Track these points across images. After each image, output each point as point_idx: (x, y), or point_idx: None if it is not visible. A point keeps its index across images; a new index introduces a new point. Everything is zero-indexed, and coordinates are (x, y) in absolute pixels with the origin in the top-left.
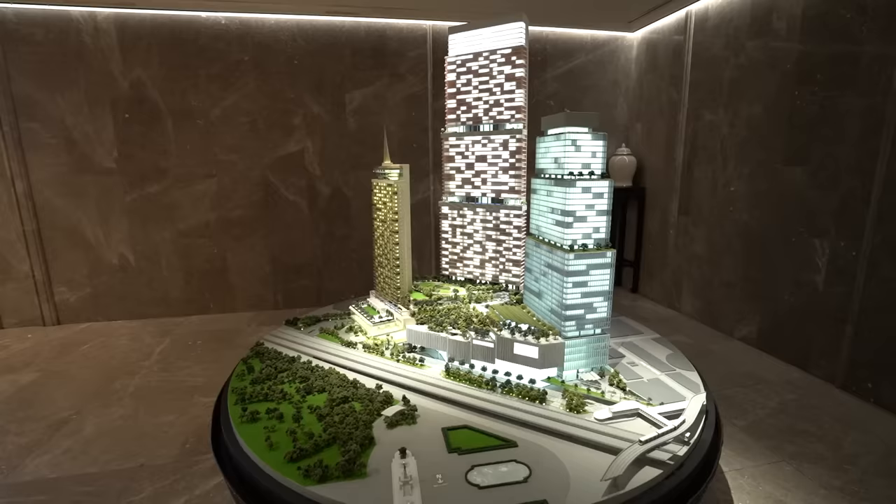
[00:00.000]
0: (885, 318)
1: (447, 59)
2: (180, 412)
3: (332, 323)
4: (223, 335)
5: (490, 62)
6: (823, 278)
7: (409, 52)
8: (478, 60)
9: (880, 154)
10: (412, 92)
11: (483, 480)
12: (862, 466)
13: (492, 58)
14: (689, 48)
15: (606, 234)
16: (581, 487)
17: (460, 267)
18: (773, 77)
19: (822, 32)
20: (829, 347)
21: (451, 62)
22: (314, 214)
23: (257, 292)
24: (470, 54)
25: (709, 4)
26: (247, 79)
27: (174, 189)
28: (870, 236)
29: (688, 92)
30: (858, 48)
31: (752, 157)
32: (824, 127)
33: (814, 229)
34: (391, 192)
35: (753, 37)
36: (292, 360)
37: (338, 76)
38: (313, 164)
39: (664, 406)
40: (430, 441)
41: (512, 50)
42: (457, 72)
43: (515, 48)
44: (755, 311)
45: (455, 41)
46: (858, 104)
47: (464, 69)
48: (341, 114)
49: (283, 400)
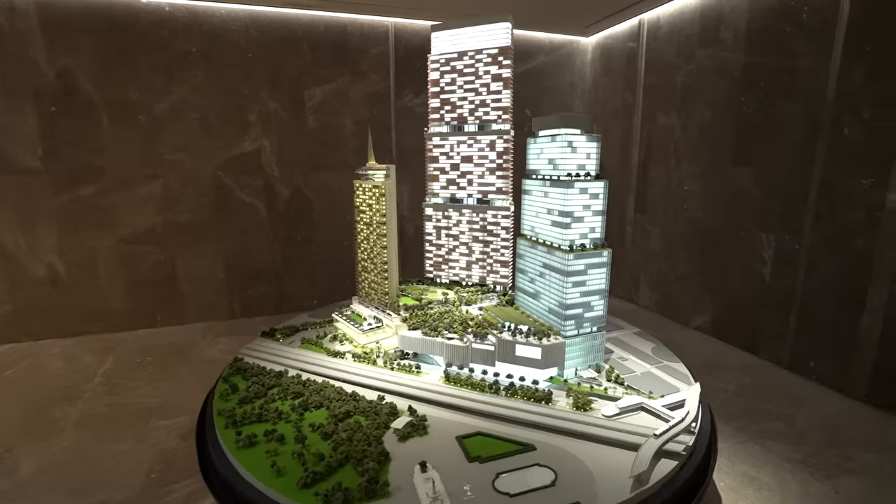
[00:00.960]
0: (823, 306)
1: (430, 58)
2: (137, 439)
3: (314, 332)
4: (176, 349)
5: (476, 62)
6: (770, 270)
7: (370, 49)
8: (462, 60)
9: (815, 159)
10: (374, 90)
11: (512, 488)
12: (815, 439)
13: (477, 57)
14: (642, 54)
15: (602, 234)
16: (608, 486)
17: (445, 269)
18: (721, 84)
19: (765, 44)
20: (775, 333)
21: (434, 61)
22: (273, 217)
23: (211, 301)
24: (454, 53)
25: (660, 14)
26: (195, 71)
27: (113, 191)
28: (809, 231)
29: (642, 96)
30: (796, 61)
31: (703, 158)
32: (768, 132)
33: (760, 224)
34: (378, 195)
35: (703, 46)
36: (280, 375)
37: (296, 71)
38: (271, 164)
39: (665, 399)
40: (446, 451)
41: (499, 50)
42: (440, 70)
43: (502, 48)
44: (709, 301)
45: (438, 39)
46: (797, 112)
47: (448, 68)
48: (300, 111)
49: (280, 419)
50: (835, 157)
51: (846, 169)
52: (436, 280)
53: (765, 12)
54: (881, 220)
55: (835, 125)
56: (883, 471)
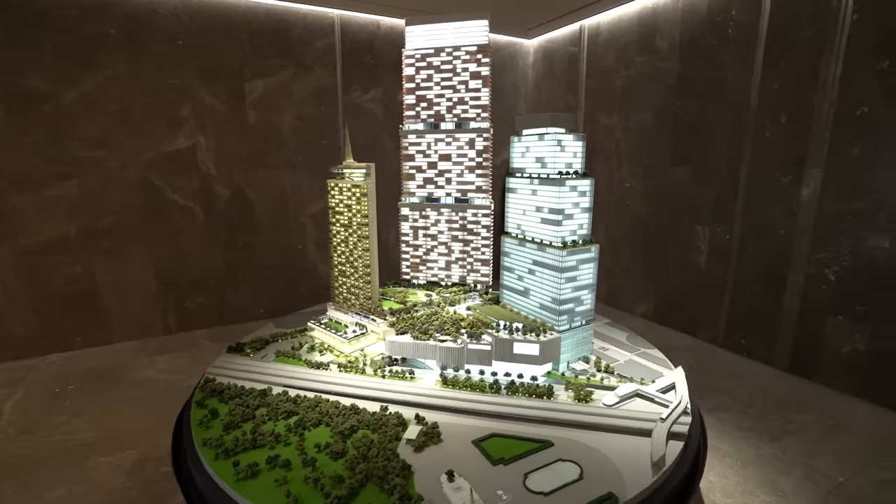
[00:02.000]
0: (751, 289)
1: (405, 52)
2: (75, 481)
3: (287, 343)
4: (104, 374)
5: (454, 59)
6: (705, 259)
7: (315, 41)
8: (440, 56)
9: (742, 159)
10: (321, 85)
11: (544, 486)
12: (758, 407)
13: (455, 54)
14: (583, 58)
15: (589, 230)
16: (632, 473)
17: (423, 270)
18: (658, 89)
19: (696, 54)
20: (711, 315)
21: (409, 55)
22: (211, 220)
23: (141, 316)
24: (430, 49)
25: (600, 21)
26: (115, 57)
27: (10, 194)
28: (738, 223)
29: (584, 98)
30: (724, 71)
31: (643, 158)
32: (701, 134)
33: (696, 218)
34: (359, 195)
35: (641, 53)
36: (264, 394)
37: (235, 63)
38: (207, 163)
39: (657, 384)
40: (466, 457)
41: (478, 48)
42: (416, 66)
43: (481, 46)
44: (651, 290)
45: (413, 34)
46: (726, 117)
47: (423, 64)
48: (240, 106)
49: (278, 443)
50: (759, 157)
51: (768, 168)
52: (412, 282)
53: (695, 25)
54: (797, 212)
55: (758, 129)
56: (814, 429)
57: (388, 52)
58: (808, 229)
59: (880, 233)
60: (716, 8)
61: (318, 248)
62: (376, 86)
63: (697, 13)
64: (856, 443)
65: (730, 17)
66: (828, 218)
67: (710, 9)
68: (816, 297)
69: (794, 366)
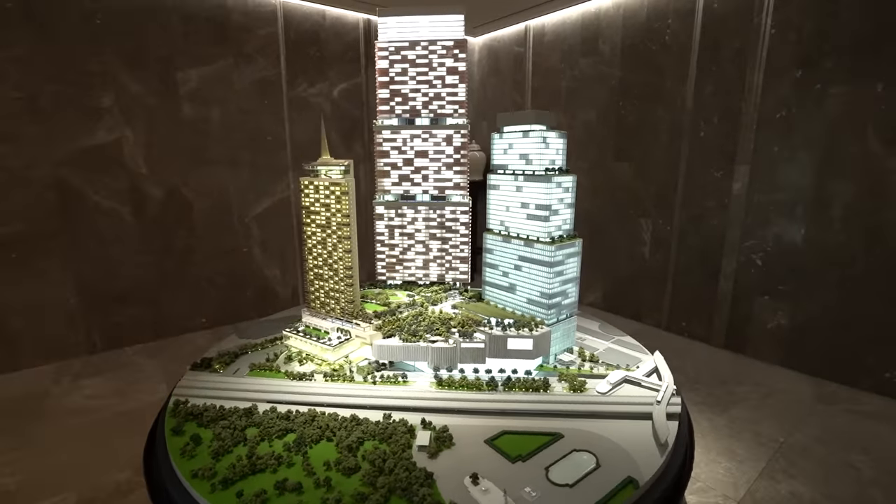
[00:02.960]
0: (690, 276)
1: (378, 45)
2: None
3: (260, 355)
4: (20, 405)
5: (430, 53)
6: (649, 249)
7: (257, 29)
8: (415, 49)
9: (681, 155)
10: (263, 76)
11: (568, 478)
12: (704, 383)
13: (431, 48)
14: (529, 57)
15: (571, 225)
16: (643, 455)
17: (400, 270)
18: (602, 90)
19: (637, 59)
20: (655, 301)
21: (382, 48)
22: (143, 224)
23: (59, 335)
24: (405, 42)
25: (545, 22)
26: (14, 35)
27: None
28: (678, 215)
29: (530, 97)
30: (662, 74)
31: (589, 154)
32: (643, 133)
33: (640, 212)
34: (339, 193)
35: (585, 55)
36: (250, 413)
37: (164, 48)
38: (136, 160)
39: (641, 369)
40: (483, 457)
41: (454, 42)
42: (390, 59)
43: (458, 41)
44: (600, 280)
45: (386, 26)
46: (665, 117)
47: (398, 57)
48: (173, 96)
49: (280, 465)
50: (695, 154)
51: (703, 164)
52: (388, 283)
53: (636, 31)
54: (728, 204)
55: (693, 128)
56: (753, 399)
57: (334, 45)
58: (738, 220)
59: (797, 222)
60: (654, 16)
61: (265, 250)
62: (323, 79)
63: (637, 20)
64: (787, 407)
65: (667, 25)
66: (755, 209)
67: (649, 17)
68: (746, 281)
69: (729, 343)
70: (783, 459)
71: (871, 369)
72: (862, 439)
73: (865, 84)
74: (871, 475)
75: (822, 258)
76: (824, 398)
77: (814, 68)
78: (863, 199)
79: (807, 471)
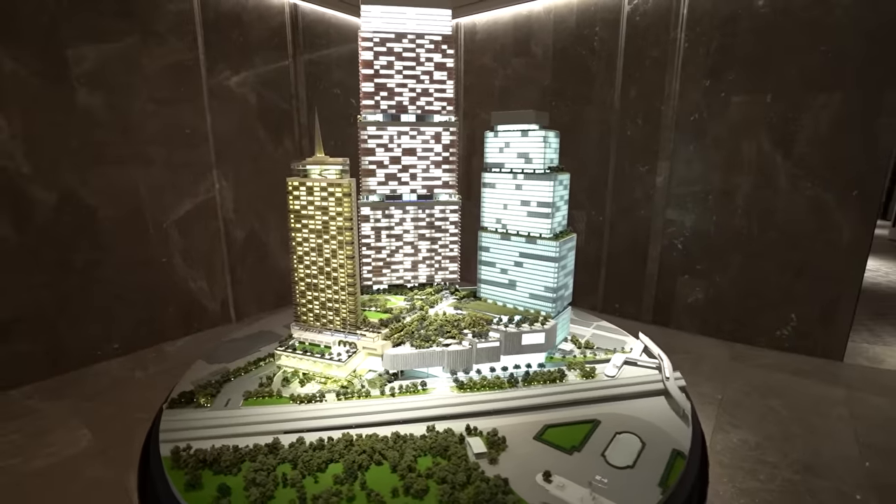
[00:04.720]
0: (621, 261)
1: (361, 34)
2: None
3: (248, 381)
4: None
5: (417, 47)
6: (584, 238)
7: (166, 3)
8: (402, 42)
9: (610, 152)
10: (178, 59)
11: (626, 460)
12: None
13: (419, 42)
14: (461, 55)
15: (566, 221)
16: (674, 429)
17: (387, 273)
18: (535, 90)
19: (567, 62)
20: (591, 287)
21: (366, 38)
22: (28, 238)
23: None
24: (391, 34)
25: (476, 21)
26: None
27: None
28: (609, 207)
29: (463, 94)
30: (592, 77)
31: None
32: (576, 131)
33: (575, 204)
34: (339, 195)
35: (517, 56)
36: (275, 450)
37: (45, 16)
38: (15, 157)
39: (635, 350)
40: (538, 454)
41: (442, 38)
42: (374, 51)
43: (445, 36)
44: None
45: (369, 14)
46: (596, 116)
47: (383, 49)
48: (64, 78)
49: (341, 500)
50: (623, 150)
51: (631, 159)
52: (373, 288)
53: (566, 36)
54: (653, 196)
55: (621, 127)
56: (686, 365)
57: (259, 30)
58: (661, 209)
59: (709, 210)
60: (583, 23)
61: (187, 259)
62: (247, 67)
63: (567, 25)
64: (713, 368)
65: (594, 32)
66: (675, 199)
67: (579, 23)
68: (669, 263)
69: (656, 318)
70: (726, 413)
71: (767, 329)
72: (773, 388)
73: (758, 95)
74: (788, 415)
75: (728, 240)
76: (737, 357)
77: (719, 79)
78: (758, 189)
79: (746, 420)
